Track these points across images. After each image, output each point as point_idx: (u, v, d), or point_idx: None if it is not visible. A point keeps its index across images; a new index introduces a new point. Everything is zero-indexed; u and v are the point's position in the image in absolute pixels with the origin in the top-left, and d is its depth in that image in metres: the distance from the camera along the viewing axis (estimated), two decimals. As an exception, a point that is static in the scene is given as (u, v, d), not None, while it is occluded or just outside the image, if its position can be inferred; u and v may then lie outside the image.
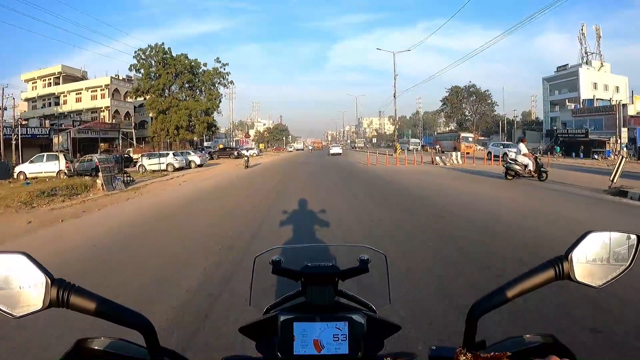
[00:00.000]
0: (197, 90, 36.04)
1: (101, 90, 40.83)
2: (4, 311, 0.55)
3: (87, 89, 41.44)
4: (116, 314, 0.61)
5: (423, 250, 4.42)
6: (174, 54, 34.56)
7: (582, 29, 46.98)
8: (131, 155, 30.96)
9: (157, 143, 34.38)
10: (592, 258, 0.61)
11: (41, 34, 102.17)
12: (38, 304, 0.56)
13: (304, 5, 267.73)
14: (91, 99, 41.24)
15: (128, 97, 41.28)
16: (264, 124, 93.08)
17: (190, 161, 24.43)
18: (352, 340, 0.71)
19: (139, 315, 0.62)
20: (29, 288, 0.56)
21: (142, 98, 36.75)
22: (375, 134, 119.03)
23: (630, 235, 0.61)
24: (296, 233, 5.40)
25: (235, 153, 38.87)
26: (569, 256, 0.61)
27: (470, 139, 40.03)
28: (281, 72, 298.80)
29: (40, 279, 0.56)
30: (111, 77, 40.75)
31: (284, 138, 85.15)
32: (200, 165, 24.74)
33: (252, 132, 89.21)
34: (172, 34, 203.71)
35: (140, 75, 34.15)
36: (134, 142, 37.35)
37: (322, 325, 0.72)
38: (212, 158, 35.28)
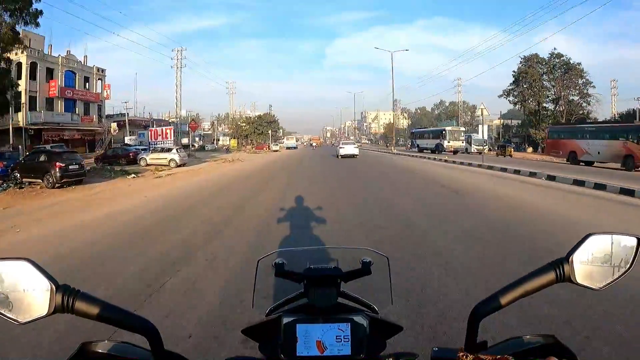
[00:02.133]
0: None
1: None
2: (9, 317, 0.55)
3: None
4: (121, 318, 0.60)
5: None
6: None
7: None
8: None
9: None
10: (592, 260, 0.61)
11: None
12: (43, 310, 0.56)
13: (301, 1, 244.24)
14: None
15: None
16: (252, 116, 69.62)
17: None
18: (355, 341, 0.71)
19: (143, 320, 0.62)
20: (34, 294, 0.56)
21: None
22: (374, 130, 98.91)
23: (631, 237, 0.61)
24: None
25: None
26: (570, 258, 0.61)
27: None
28: (278, 69, 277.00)
29: (45, 285, 0.56)
30: None
31: (270, 132, 63.38)
32: None
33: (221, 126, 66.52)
34: (171, 29, 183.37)
35: None
36: None
37: (324, 327, 0.71)
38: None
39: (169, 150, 22.11)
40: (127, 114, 41.25)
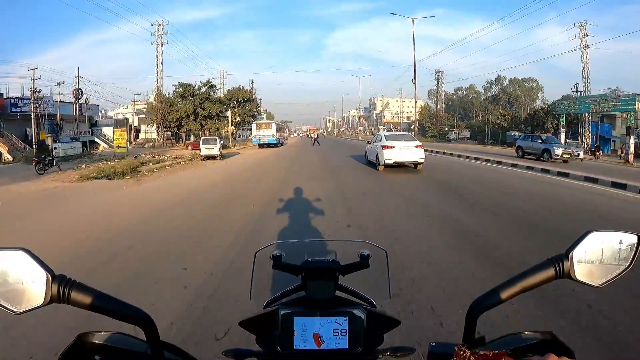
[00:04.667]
0: None
1: None
2: (5, 307, 0.55)
3: None
4: (116, 309, 0.60)
5: None
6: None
7: None
8: None
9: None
10: (592, 258, 0.60)
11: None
12: (39, 300, 0.56)
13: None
14: None
15: None
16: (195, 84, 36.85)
17: None
18: (352, 335, 0.71)
19: (139, 311, 0.62)
20: (30, 284, 0.56)
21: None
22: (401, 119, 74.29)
23: (631, 235, 0.60)
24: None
25: None
26: (570, 255, 0.60)
27: None
28: (276, 60, 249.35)
29: (41, 275, 0.56)
30: None
31: (229, 115, 35.38)
32: None
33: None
34: (168, 19, 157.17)
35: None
36: None
37: (322, 320, 0.71)
38: None
39: None
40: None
